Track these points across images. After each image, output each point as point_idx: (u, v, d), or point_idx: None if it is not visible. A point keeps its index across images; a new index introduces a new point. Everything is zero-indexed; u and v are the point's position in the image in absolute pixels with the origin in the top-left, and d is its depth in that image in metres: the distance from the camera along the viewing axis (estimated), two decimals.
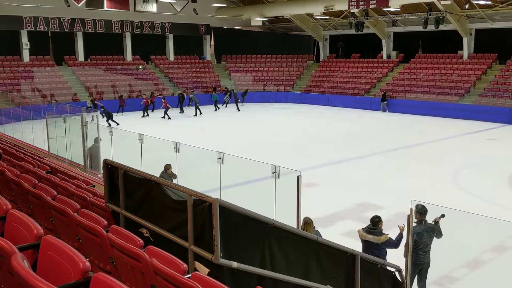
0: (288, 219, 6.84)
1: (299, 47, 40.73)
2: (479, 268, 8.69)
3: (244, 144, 19.41)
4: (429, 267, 7.07)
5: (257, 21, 36.28)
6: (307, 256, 4.82)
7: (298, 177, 7.41)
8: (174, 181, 10.14)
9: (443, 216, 6.72)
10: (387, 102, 30.82)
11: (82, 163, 13.58)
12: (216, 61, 39.83)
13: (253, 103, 34.36)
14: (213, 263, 3.74)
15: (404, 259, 6.40)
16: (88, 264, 2.44)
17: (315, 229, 7.18)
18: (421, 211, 6.90)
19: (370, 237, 7.06)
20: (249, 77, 37.96)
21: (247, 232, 4.12)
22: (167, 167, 10.28)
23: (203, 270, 3.83)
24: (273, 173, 8.28)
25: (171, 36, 36.67)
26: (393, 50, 35.31)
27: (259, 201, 8.50)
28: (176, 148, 11.37)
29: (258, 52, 39.70)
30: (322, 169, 15.60)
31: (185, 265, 3.30)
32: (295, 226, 6.94)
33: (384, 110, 30.55)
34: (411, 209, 5.69)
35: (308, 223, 7.07)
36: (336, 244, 5.28)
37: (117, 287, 2.13)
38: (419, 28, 30.75)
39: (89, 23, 32.22)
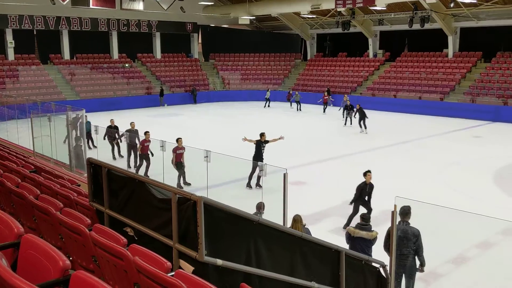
0: (275, 216, 6.86)
1: (287, 46, 40.80)
2: (464, 264, 8.78)
3: (232, 142, 19.35)
4: (415, 272, 6.82)
5: (244, 19, 36.27)
6: (292, 252, 4.83)
7: (284, 174, 7.44)
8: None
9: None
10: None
11: (68, 162, 13.47)
12: (204, 59, 39.73)
13: (241, 102, 34.29)
14: (198, 261, 3.73)
15: (387, 256, 6.44)
16: (68, 262, 2.41)
17: (305, 226, 7.18)
18: (403, 213, 6.68)
19: (363, 233, 7.05)
20: (237, 76, 37.92)
21: (232, 230, 4.11)
22: (297, 218, 7.19)
23: (188, 268, 3.81)
24: (260, 170, 8.31)
25: (158, 34, 36.49)
26: (380, 48, 35.55)
27: (246, 198, 8.51)
28: (163, 146, 11.36)
29: (246, 50, 39.69)
30: (309, 167, 15.65)
31: (168, 263, 3.28)
32: (282, 223, 6.95)
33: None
34: (395, 206, 5.72)
35: (297, 220, 7.06)
36: (321, 240, 5.30)
37: (96, 284, 2.12)
38: (405, 27, 31.02)
39: (75, 21, 31.92)
